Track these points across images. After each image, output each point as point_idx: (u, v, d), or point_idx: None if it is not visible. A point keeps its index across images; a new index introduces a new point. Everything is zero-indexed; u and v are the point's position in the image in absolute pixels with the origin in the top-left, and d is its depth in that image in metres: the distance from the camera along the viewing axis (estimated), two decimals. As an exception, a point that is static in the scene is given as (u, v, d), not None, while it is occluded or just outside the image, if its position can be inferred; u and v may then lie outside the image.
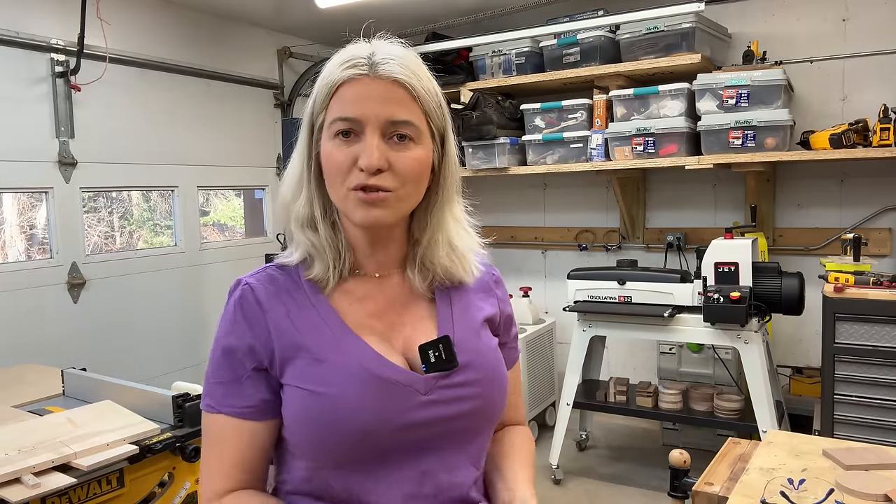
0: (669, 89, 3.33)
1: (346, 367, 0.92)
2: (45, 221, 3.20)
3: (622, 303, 3.21)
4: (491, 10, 3.89)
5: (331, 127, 0.92)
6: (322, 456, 0.92)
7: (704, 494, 1.34)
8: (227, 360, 0.95)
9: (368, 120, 0.90)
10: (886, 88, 3.31)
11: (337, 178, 0.92)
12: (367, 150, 0.89)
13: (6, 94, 2.94)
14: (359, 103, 0.90)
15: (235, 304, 0.96)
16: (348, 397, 0.90)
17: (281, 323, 0.94)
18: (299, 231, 0.99)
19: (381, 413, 0.91)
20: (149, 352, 3.53)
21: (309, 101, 0.97)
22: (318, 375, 0.92)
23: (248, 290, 0.96)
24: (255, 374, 0.94)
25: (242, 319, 0.95)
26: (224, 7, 3.80)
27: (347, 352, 0.93)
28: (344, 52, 0.95)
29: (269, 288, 0.97)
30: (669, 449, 1.52)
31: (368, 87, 0.90)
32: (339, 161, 0.91)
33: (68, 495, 1.62)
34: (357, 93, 0.91)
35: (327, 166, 0.93)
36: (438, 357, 0.95)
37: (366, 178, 0.90)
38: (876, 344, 2.60)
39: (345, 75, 0.91)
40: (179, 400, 1.90)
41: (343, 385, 0.91)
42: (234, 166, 4.07)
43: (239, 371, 0.94)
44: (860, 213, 3.45)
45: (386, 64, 0.91)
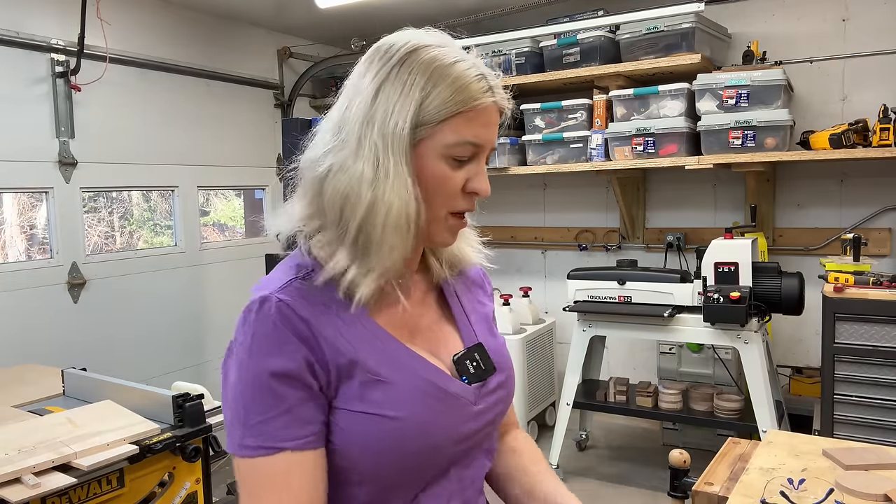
0: (669, 89, 3.33)
1: (414, 386, 0.87)
2: (45, 221, 3.20)
3: (622, 303, 3.21)
4: (491, 10, 3.89)
5: (452, 147, 0.85)
6: (389, 479, 0.86)
7: (704, 494, 1.34)
8: (277, 386, 0.81)
9: (486, 148, 0.88)
10: (886, 88, 3.31)
11: (443, 200, 0.87)
12: (483, 175, 0.88)
13: (6, 94, 2.94)
14: (488, 131, 0.87)
15: (275, 321, 0.83)
16: (420, 417, 0.86)
17: (332, 339, 0.84)
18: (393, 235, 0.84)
19: (447, 429, 0.89)
20: (149, 352, 3.53)
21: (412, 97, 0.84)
22: (388, 397, 0.85)
23: (284, 305, 0.83)
24: (311, 395, 0.83)
25: (290, 335, 0.82)
26: (224, 7, 3.81)
27: (409, 368, 0.88)
28: (469, 65, 0.86)
29: (305, 301, 0.85)
30: (669, 449, 1.53)
31: (493, 114, 0.88)
32: (454, 183, 0.87)
33: (68, 495, 1.62)
34: (489, 120, 0.87)
35: (437, 185, 0.86)
36: (477, 367, 0.94)
37: (472, 202, 0.89)
38: (876, 344, 2.60)
39: (486, 100, 0.86)
40: (179, 400, 1.90)
41: (415, 405, 0.86)
42: (234, 166, 4.07)
43: (294, 396, 0.82)
44: (860, 213, 3.45)
45: (499, 89, 0.88)
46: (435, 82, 0.83)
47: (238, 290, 4.01)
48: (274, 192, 4.30)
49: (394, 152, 0.83)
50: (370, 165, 0.83)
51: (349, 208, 0.84)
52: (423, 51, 0.85)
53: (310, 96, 4.66)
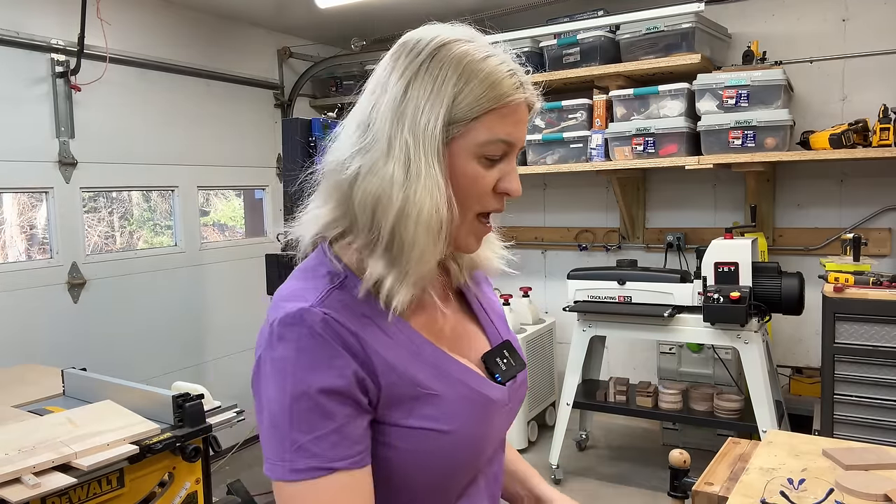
0: (669, 89, 3.33)
1: (463, 397, 0.85)
2: (45, 221, 3.20)
3: (622, 303, 3.21)
4: (491, 10, 3.89)
5: (484, 146, 0.82)
6: (431, 488, 0.85)
7: (704, 494, 1.34)
8: (327, 403, 0.76)
9: (517, 146, 0.86)
10: (886, 88, 3.31)
11: (474, 200, 0.84)
12: (514, 174, 0.85)
13: (6, 94, 2.94)
14: (519, 129, 0.84)
15: (322, 334, 0.77)
16: (470, 428, 0.85)
17: (383, 353, 0.80)
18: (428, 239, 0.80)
19: (491, 435, 0.90)
20: (149, 352, 3.53)
21: (444, 94, 0.80)
22: (440, 411, 0.82)
23: (331, 319, 0.78)
24: (360, 411, 0.79)
25: (340, 349, 0.78)
26: (224, 7, 3.80)
27: (455, 378, 0.86)
28: (498, 59, 0.83)
29: (349, 313, 0.80)
30: (669, 449, 1.52)
31: (524, 112, 0.85)
32: (487, 184, 0.84)
33: (68, 495, 1.62)
34: (520, 118, 0.85)
35: (469, 185, 0.83)
36: (507, 363, 0.94)
37: (502, 202, 0.86)
38: (876, 344, 2.60)
39: (517, 98, 0.83)
40: (179, 400, 1.90)
41: (465, 417, 0.84)
42: (234, 166, 4.07)
43: (344, 414, 0.77)
44: (860, 213, 3.45)
45: (530, 85, 0.86)
46: (467, 78, 0.80)
47: (238, 290, 4.02)
48: (274, 192, 4.30)
49: (425, 152, 0.79)
50: (401, 166, 0.79)
51: (381, 212, 0.79)
52: (452, 45, 0.82)
53: (310, 96, 4.66)
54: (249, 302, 4.00)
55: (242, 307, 4.01)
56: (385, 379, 0.80)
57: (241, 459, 3.89)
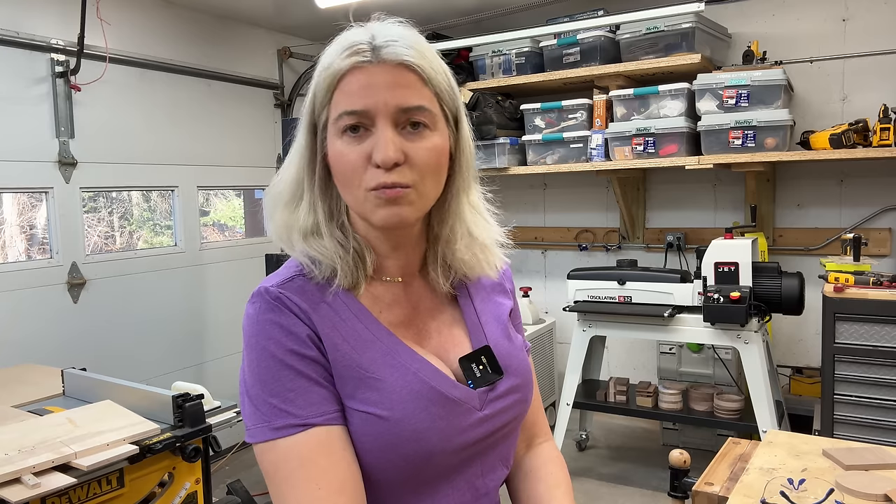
0: (669, 89, 3.33)
1: (409, 387, 0.84)
2: (45, 221, 3.20)
3: (622, 303, 3.21)
4: (491, 10, 3.89)
5: (337, 123, 0.82)
6: (380, 481, 0.84)
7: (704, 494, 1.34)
8: (295, 362, 0.81)
9: (378, 110, 0.80)
10: (886, 88, 3.31)
11: (352, 180, 0.83)
12: (382, 143, 0.80)
13: (6, 94, 2.94)
14: (365, 93, 0.80)
15: (277, 306, 0.83)
16: (415, 419, 0.83)
17: (330, 335, 0.84)
18: (306, 242, 0.88)
19: (445, 433, 0.85)
20: (149, 352, 3.53)
21: (307, 98, 0.87)
22: (382, 396, 0.83)
23: (284, 297, 0.84)
24: (326, 373, 0.83)
25: (291, 315, 0.83)
26: (224, 7, 3.81)
27: (406, 368, 0.85)
28: (341, 40, 0.84)
29: (302, 297, 0.85)
30: (669, 449, 1.53)
31: (373, 74, 0.81)
32: (352, 160, 0.82)
33: (68, 495, 1.62)
34: (362, 82, 0.81)
35: (339, 167, 0.83)
36: (483, 370, 0.91)
37: (383, 175, 0.80)
38: (876, 344, 2.60)
39: (346, 64, 0.81)
40: (179, 400, 1.90)
41: (407, 407, 0.83)
42: (234, 166, 4.07)
43: (314, 371, 0.82)
44: (860, 213, 3.45)
45: (389, 46, 0.81)
46: (318, 71, 0.86)
47: (238, 290, 4.01)
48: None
49: (303, 130, 0.88)
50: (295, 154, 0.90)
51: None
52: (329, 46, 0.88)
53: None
54: (249, 302, 4.00)
55: (242, 307, 3.98)
56: (331, 355, 0.83)
57: (241, 459, 3.89)
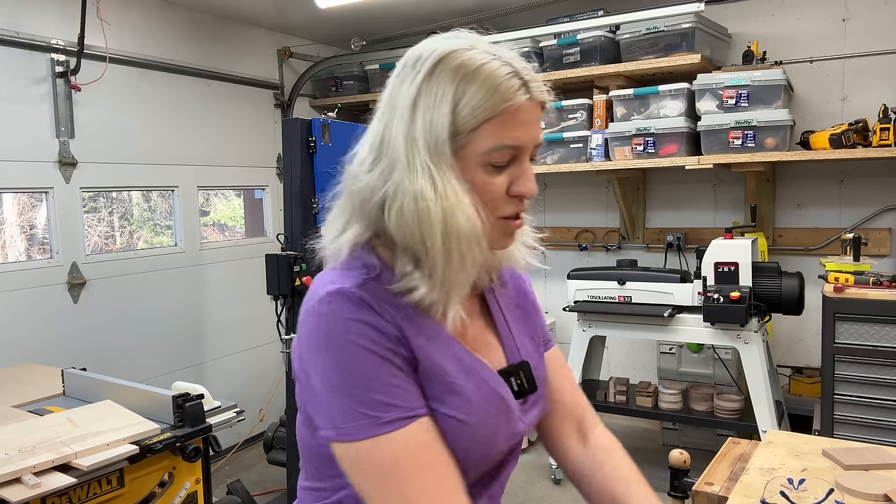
0: (669, 89, 3.33)
1: (483, 392, 0.87)
2: (45, 221, 3.20)
3: (622, 303, 3.21)
4: (491, 10, 3.89)
5: (490, 154, 0.82)
6: None
7: (704, 494, 1.34)
8: (392, 357, 0.81)
9: (527, 147, 0.85)
10: (886, 88, 3.31)
11: (489, 207, 0.84)
12: (529, 177, 0.85)
13: (6, 94, 2.94)
14: (524, 129, 0.83)
15: (359, 305, 0.81)
16: (487, 424, 0.87)
17: (414, 338, 0.84)
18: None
19: (503, 437, 0.90)
20: (149, 352, 3.53)
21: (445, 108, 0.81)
22: (462, 401, 0.85)
23: (366, 297, 0.82)
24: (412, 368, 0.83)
25: (377, 316, 0.81)
26: (224, 7, 3.80)
27: (477, 374, 0.88)
28: (494, 65, 0.82)
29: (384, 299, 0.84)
30: (669, 449, 1.53)
31: (529, 111, 0.83)
32: (495, 189, 0.83)
33: (68, 495, 1.62)
34: (523, 119, 0.83)
35: (480, 195, 0.83)
36: (521, 385, 0.95)
37: (521, 205, 0.86)
38: (876, 344, 2.60)
39: (519, 100, 0.81)
40: (179, 400, 1.90)
41: (483, 412, 0.86)
42: (235, 166, 4.07)
43: (404, 365, 0.82)
44: (860, 213, 3.45)
45: (535, 83, 0.84)
46: (464, 88, 0.80)
47: (238, 290, 4.02)
48: (274, 192, 4.30)
49: (443, 167, 0.81)
50: (428, 183, 0.80)
51: (426, 231, 0.81)
52: (450, 57, 0.82)
53: (310, 96, 4.66)
54: (249, 302, 4.00)
55: (242, 307, 4.01)
56: (420, 355, 0.83)
57: (241, 459, 3.89)
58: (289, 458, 3.02)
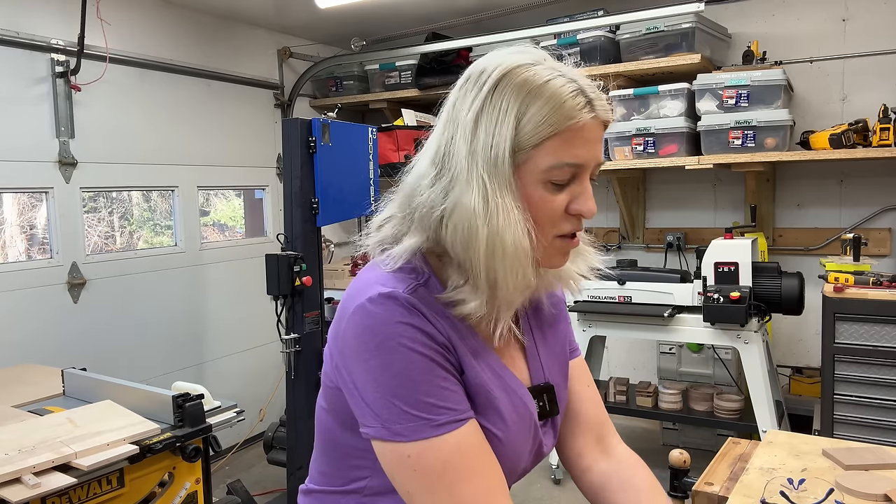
0: (669, 89, 3.33)
1: (518, 409, 0.89)
2: (45, 221, 3.20)
3: (622, 303, 3.21)
4: (491, 10, 3.89)
5: (550, 171, 0.81)
6: None
7: (704, 494, 1.34)
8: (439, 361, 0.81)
9: (589, 166, 0.84)
10: (886, 88, 3.31)
11: (547, 225, 0.84)
12: (587, 196, 0.84)
13: (6, 94, 2.93)
14: (587, 148, 0.82)
15: (409, 310, 0.82)
16: (518, 440, 0.89)
17: (460, 347, 0.85)
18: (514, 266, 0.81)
19: (530, 456, 0.93)
20: (149, 352, 3.53)
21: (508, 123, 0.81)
22: (499, 416, 0.86)
23: (416, 303, 0.83)
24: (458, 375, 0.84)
25: (427, 322, 0.82)
26: (224, 7, 3.80)
27: (513, 390, 0.90)
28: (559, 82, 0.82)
29: (432, 308, 0.84)
30: (669, 449, 1.52)
31: (592, 130, 0.83)
32: (555, 207, 0.83)
33: (68, 495, 1.62)
34: (586, 137, 0.82)
35: (538, 211, 0.83)
36: (543, 407, 0.96)
37: (578, 224, 0.85)
38: (876, 344, 2.60)
39: (584, 118, 0.81)
40: (179, 400, 1.90)
41: (516, 427, 0.89)
42: (235, 166, 4.07)
43: (453, 370, 0.83)
44: (860, 213, 3.45)
45: (600, 101, 0.84)
46: (528, 105, 0.80)
47: (238, 291, 4.02)
48: (274, 192, 4.30)
49: (499, 183, 0.80)
50: (481, 200, 0.80)
51: (472, 249, 0.81)
52: (515, 72, 0.82)
53: (310, 96, 4.66)
54: (249, 302, 4.00)
55: (242, 307, 4.01)
56: (466, 367, 0.84)
57: (241, 459, 3.89)
58: (289, 458, 3.01)
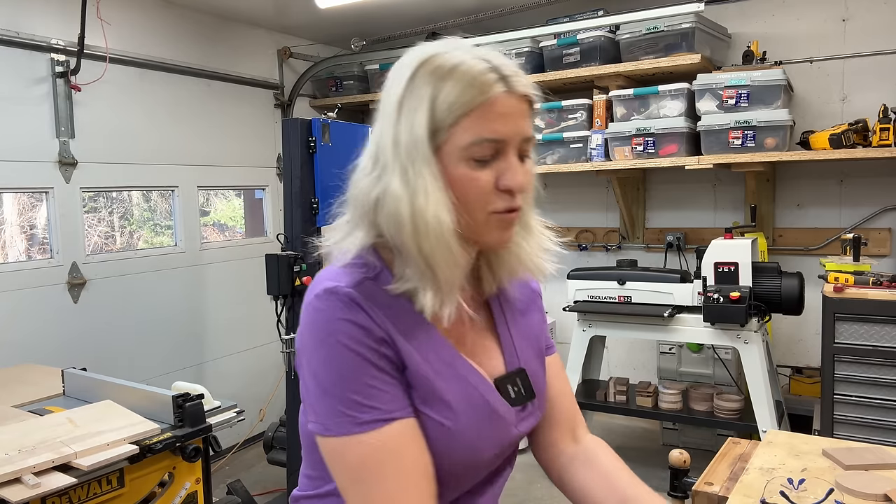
0: (669, 89, 3.33)
1: (470, 399, 0.89)
2: (45, 221, 3.20)
3: (622, 303, 3.21)
4: (491, 10, 3.89)
5: (470, 148, 0.83)
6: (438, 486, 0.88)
7: (704, 494, 1.34)
8: (376, 360, 0.83)
9: (511, 140, 0.85)
10: (886, 88, 3.31)
11: (477, 203, 0.85)
12: (514, 170, 0.85)
13: (6, 94, 2.93)
14: (505, 122, 0.84)
15: (349, 305, 0.84)
16: (471, 430, 0.88)
17: (401, 342, 0.86)
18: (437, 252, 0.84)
19: (491, 445, 0.91)
20: (149, 352, 3.53)
21: (424, 106, 0.84)
22: (447, 406, 0.87)
23: (357, 298, 0.85)
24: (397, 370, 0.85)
25: (366, 316, 0.84)
26: (224, 7, 3.80)
27: (466, 380, 0.90)
28: (471, 62, 0.84)
29: (373, 304, 0.86)
30: (669, 449, 1.53)
31: (509, 104, 0.85)
32: (482, 185, 0.84)
33: (68, 495, 1.62)
34: (502, 111, 0.84)
35: (464, 189, 0.84)
36: (518, 392, 0.96)
37: (511, 199, 0.86)
38: (876, 344, 2.60)
39: (495, 91, 0.83)
40: (179, 400, 1.90)
41: (467, 418, 0.88)
42: (235, 166, 4.07)
43: (390, 367, 0.84)
44: (860, 213, 3.45)
45: (517, 77, 0.86)
46: (441, 87, 0.83)
47: (238, 290, 4.02)
48: (274, 192, 4.30)
49: (420, 165, 0.83)
50: (403, 183, 0.83)
51: (401, 231, 0.84)
52: (430, 60, 0.85)
53: (310, 96, 4.66)
54: (249, 302, 4.00)
55: (242, 307, 4.01)
56: (407, 359, 0.85)
57: (241, 459, 3.89)
58: (289, 458, 3.02)
